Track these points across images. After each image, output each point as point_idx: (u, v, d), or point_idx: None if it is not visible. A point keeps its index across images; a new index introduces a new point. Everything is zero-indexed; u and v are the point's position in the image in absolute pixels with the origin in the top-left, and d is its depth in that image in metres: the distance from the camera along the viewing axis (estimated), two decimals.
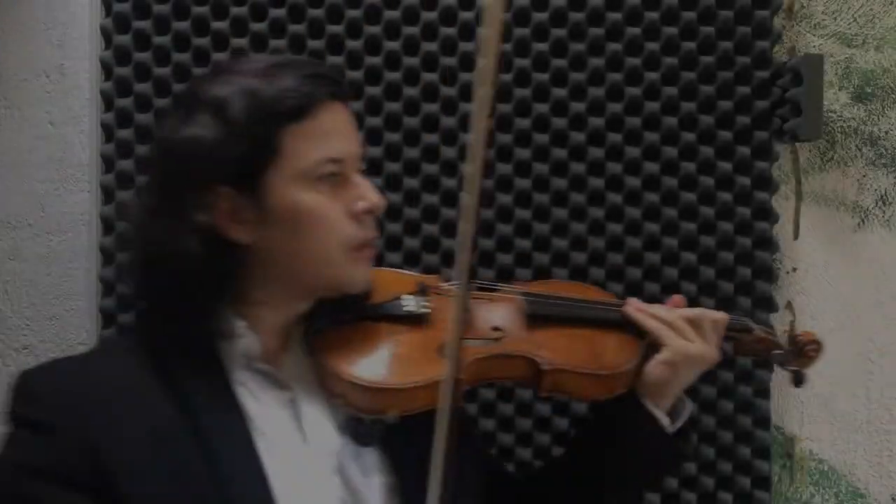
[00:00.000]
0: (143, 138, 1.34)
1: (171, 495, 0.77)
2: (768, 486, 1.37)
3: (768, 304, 1.37)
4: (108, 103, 1.34)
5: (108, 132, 1.34)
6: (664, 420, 0.99)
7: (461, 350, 0.71)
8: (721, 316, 1.02)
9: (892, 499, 1.45)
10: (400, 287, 0.98)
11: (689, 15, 1.34)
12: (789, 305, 1.45)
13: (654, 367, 0.97)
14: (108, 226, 1.35)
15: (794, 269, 1.46)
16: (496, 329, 0.97)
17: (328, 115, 0.85)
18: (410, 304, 0.95)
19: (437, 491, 0.70)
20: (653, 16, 1.34)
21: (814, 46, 1.45)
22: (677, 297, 1.06)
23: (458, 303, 0.71)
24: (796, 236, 1.45)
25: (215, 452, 0.79)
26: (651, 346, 1.00)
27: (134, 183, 1.33)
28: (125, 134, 1.34)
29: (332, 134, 0.85)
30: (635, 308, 1.02)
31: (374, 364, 0.88)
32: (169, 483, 0.78)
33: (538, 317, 0.99)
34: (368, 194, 0.87)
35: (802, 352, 1.07)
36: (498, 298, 1.03)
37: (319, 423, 0.88)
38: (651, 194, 1.36)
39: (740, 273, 1.36)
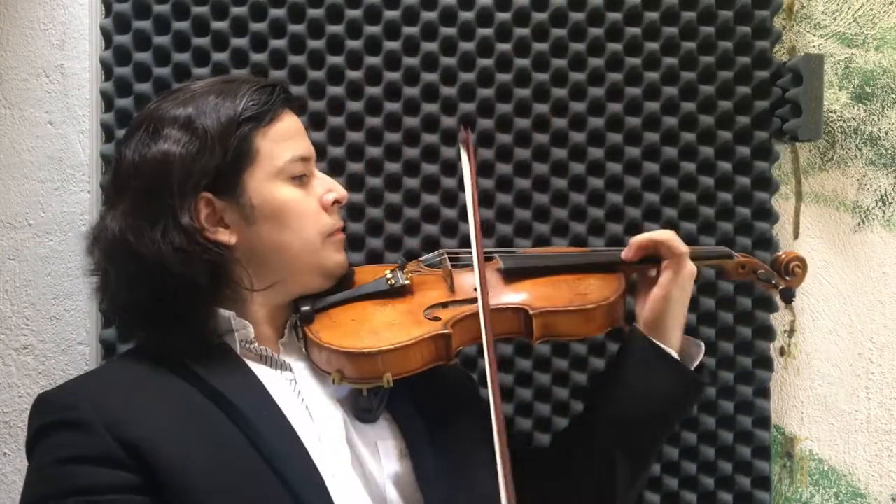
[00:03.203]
0: None
1: (214, 463, 0.80)
2: (768, 486, 1.37)
3: (768, 304, 1.37)
4: (108, 103, 1.34)
5: (108, 132, 1.34)
6: (672, 353, 0.99)
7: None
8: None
9: (892, 499, 1.45)
10: (379, 273, 1.03)
11: (689, 15, 1.35)
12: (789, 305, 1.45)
13: (650, 300, 1.00)
14: None
15: None
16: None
17: (289, 119, 0.95)
18: (391, 278, 1.00)
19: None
20: (653, 16, 1.35)
21: (814, 46, 1.45)
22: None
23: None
24: (796, 236, 1.46)
25: (248, 421, 0.83)
26: (631, 285, 1.04)
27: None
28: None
29: (296, 136, 0.95)
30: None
31: (363, 333, 0.91)
32: (211, 452, 0.80)
33: (516, 271, 1.04)
34: (335, 187, 0.98)
35: (788, 270, 1.09)
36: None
37: (321, 401, 0.92)
38: (651, 194, 1.36)
39: None
